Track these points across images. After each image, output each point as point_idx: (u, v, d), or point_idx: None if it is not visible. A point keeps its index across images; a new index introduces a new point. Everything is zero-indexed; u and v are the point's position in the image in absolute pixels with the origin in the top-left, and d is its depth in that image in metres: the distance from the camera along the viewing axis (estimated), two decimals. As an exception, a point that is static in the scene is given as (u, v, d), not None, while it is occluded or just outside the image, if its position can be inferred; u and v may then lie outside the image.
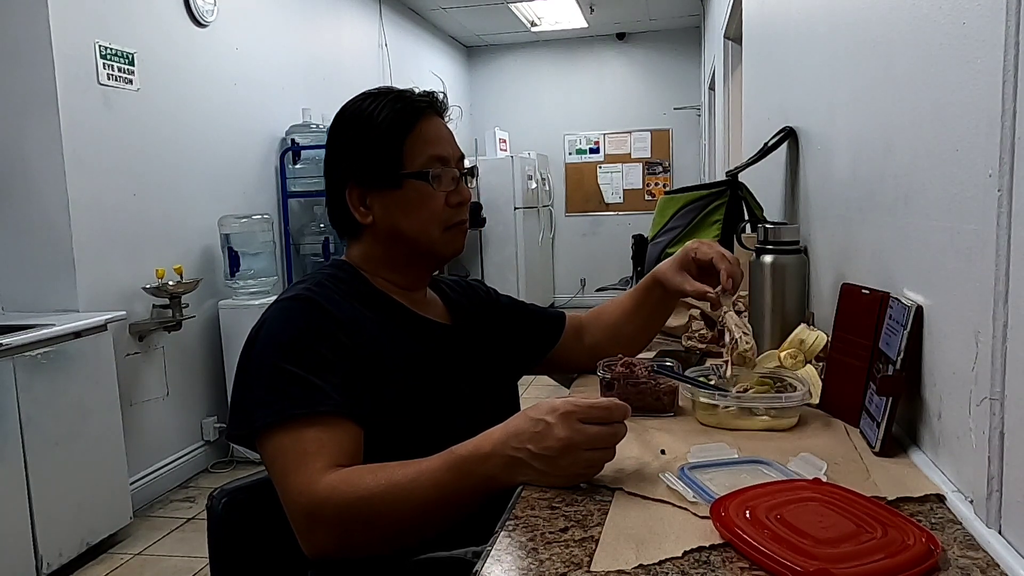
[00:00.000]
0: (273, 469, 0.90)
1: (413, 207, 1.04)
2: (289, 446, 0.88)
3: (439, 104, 1.08)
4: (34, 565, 2.33)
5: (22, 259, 2.83)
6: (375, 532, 0.84)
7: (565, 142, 7.85)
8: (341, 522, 0.83)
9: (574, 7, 6.50)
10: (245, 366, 0.96)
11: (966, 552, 0.63)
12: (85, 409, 2.58)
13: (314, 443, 0.87)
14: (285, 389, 0.90)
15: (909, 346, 0.83)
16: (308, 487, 0.84)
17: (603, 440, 0.80)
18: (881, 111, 1.01)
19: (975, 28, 0.69)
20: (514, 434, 0.80)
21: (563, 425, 0.78)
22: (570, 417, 0.78)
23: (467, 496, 0.83)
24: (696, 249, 1.16)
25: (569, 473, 0.80)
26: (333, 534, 0.84)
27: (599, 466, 0.81)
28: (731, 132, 4.38)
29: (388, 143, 1.03)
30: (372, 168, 1.04)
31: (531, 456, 0.79)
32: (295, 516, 0.86)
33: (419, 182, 1.04)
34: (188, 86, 3.48)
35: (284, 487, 0.87)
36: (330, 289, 1.01)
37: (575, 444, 0.78)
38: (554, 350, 1.27)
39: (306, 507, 0.84)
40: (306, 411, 0.89)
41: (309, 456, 0.86)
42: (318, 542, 0.85)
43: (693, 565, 0.63)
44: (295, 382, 0.90)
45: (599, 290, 7.05)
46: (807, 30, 1.60)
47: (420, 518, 0.84)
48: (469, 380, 1.08)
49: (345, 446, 0.90)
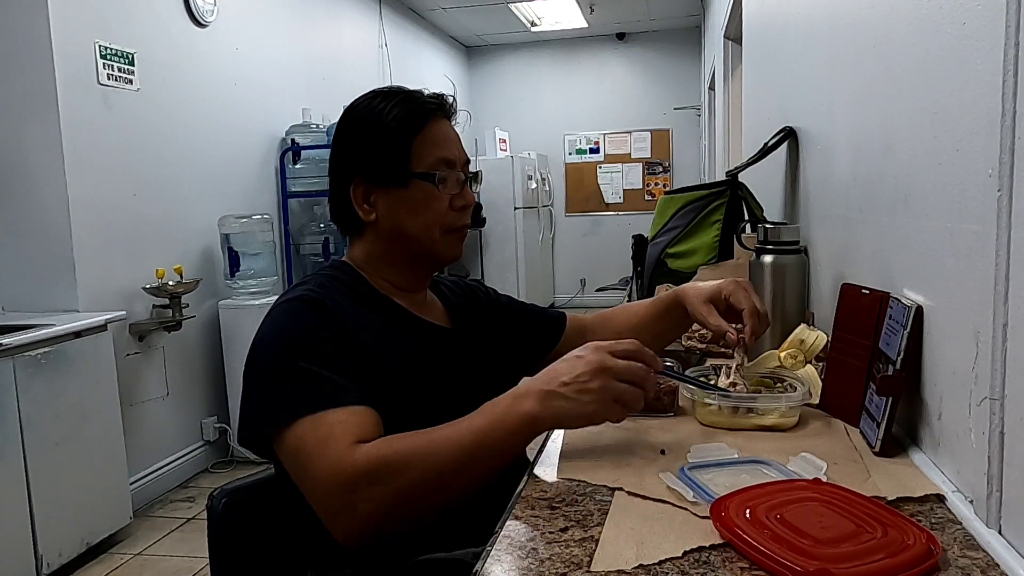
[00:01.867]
0: (296, 460, 0.87)
1: (417, 207, 1.04)
2: (311, 433, 0.86)
3: (448, 107, 1.08)
4: (34, 565, 2.33)
5: (22, 259, 2.83)
6: (418, 491, 0.82)
7: (565, 142, 7.86)
8: (384, 484, 0.81)
9: (574, 7, 6.50)
10: (255, 368, 0.94)
11: (966, 552, 0.63)
12: (85, 409, 2.58)
13: (338, 425, 0.86)
14: (302, 385, 0.89)
15: (909, 346, 0.83)
16: (341, 462, 0.83)
17: (633, 372, 0.83)
18: (881, 111, 1.01)
19: (975, 28, 0.69)
20: (547, 372, 0.85)
21: (594, 353, 0.84)
22: (600, 348, 0.84)
23: (505, 439, 0.83)
24: (732, 292, 1.12)
25: (602, 399, 0.82)
26: (376, 501, 0.82)
27: (631, 403, 0.83)
28: (731, 132, 4.38)
29: (397, 141, 1.03)
30: (379, 165, 1.04)
31: (563, 386, 0.82)
32: (331, 495, 0.83)
33: (425, 183, 1.03)
34: (188, 86, 3.48)
35: (314, 470, 0.84)
36: (331, 290, 1.01)
37: (606, 368, 0.82)
38: (554, 351, 1.27)
39: (344, 481, 0.82)
40: (328, 403, 0.87)
41: (335, 437, 0.85)
42: (359, 516, 0.82)
43: (693, 565, 0.63)
44: (311, 378, 0.89)
45: (599, 290, 7.05)
46: (807, 30, 1.60)
47: (461, 469, 0.83)
48: (469, 382, 1.08)
49: (368, 427, 0.88)
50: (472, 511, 0.92)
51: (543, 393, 0.83)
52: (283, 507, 1.03)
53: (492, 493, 0.88)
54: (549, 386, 0.83)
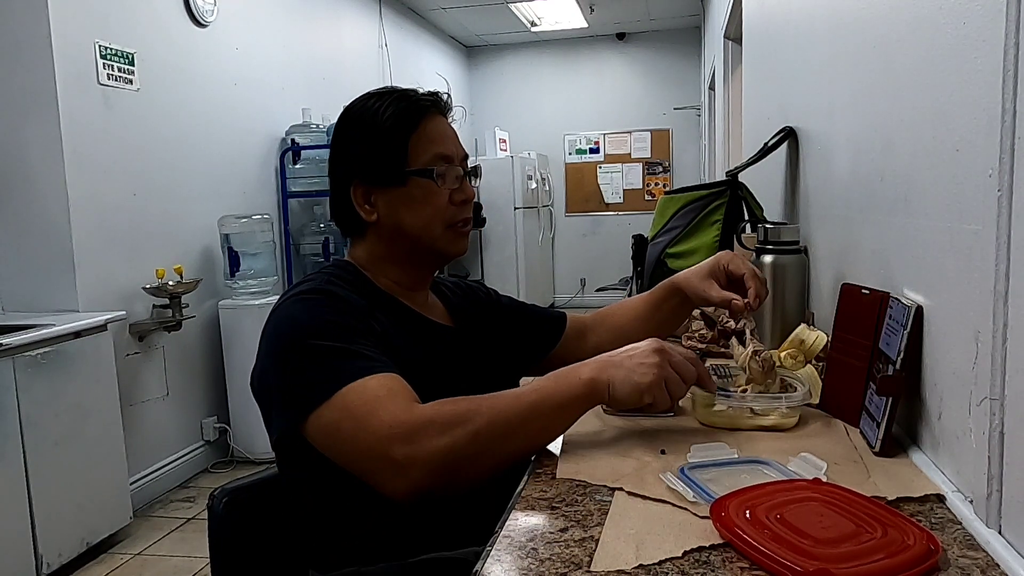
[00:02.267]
0: (341, 428, 0.85)
1: (417, 204, 1.05)
2: (358, 398, 0.85)
3: (443, 104, 1.09)
4: (34, 565, 2.33)
5: (22, 259, 2.83)
6: (482, 440, 0.83)
7: (565, 142, 7.86)
8: (448, 434, 0.82)
9: (574, 7, 6.50)
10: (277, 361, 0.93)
11: (966, 552, 0.63)
12: (85, 409, 2.58)
13: (386, 389, 0.86)
14: (335, 361, 0.89)
15: (909, 346, 0.83)
16: (404, 413, 0.83)
17: (683, 367, 0.90)
18: (881, 111, 1.01)
19: (975, 28, 0.69)
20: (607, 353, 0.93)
21: (653, 342, 0.92)
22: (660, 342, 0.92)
23: (565, 399, 0.88)
24: (730, 261, 1.16)
25: (657, 376, 0.88)
26: (439, 448, 0.82)
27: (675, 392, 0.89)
28: (731, 132, 4.38)
29: (393, 140, 1.03)
30: (377, 165, 1.04)
31: (622, 355, 0.90)
32: (390, 445, 0.82)
33: (423, 179, 1.04)
34: (188, 86, 3.48)
35: (368, 428, 0.83)
36: (339, 285, 1.01)
37: (663, 350, 0.90)
38: (555, 350, 1.27)
39: (407, 431, 0.82)
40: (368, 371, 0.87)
41: (387, 397, 0.85)
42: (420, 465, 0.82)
43: (693, 565, 0.63)
44: (342, 353, 0.89)
45: (599, 290, 7.06)
46: (807, 30, 1.60)
47: (522, 424, 0.86)
48: (470, 382, 1.08)
49: (411, 391, 0.88)
50: (472, 511, 0.92)
51: (603, 361, 0.90)
52: (284, 507, 1.03)
53: (492, 493, 0.88)
54: (610, 357, 0.91)
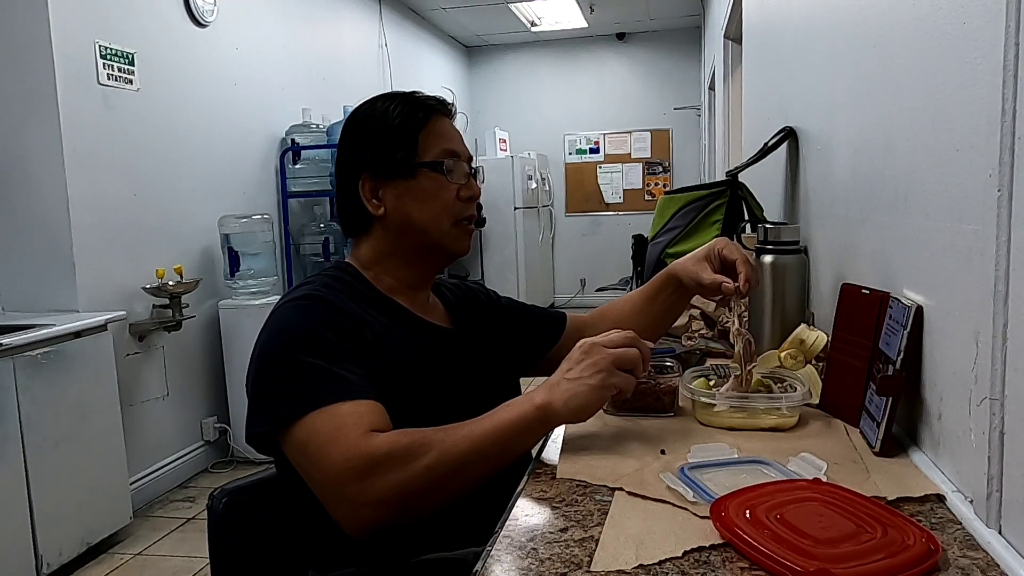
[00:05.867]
0: (306, 453, 0.87)
1: (426, 197, 1.06)
2: (324, 425, 0.87)
3: (448, 107, 1.12)
4: (34, 565, 2.33)
5: (22, 259, 2.83)
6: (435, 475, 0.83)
7: (565, 142, 7.85)
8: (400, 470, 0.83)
9: (574, 7, 6.50)
10: (264, 366, 0.94)
11: (966, 552, 0.63)
12: (85, 409, 2.58)
13: (351, 416, 0.87)
14: (313, 380, 0.90)
15: (909, 346, 0.83)
16: (357, 448, 0.84)
17: (617, 340, 0.91)
18: (881, 111, 1.01)
19: (975, 28, 0.69)
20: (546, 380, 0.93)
21: (580, 344, 0.93)
22: (584, 340, 0.93)
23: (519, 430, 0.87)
24: (724, 247, 1.18)
25: (603, 368, 0.88)
26: (390, 486, 0.83)
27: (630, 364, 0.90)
28: (731, 132, 4.38)
29: (404, 134, 1.05)
30: (387, 158, 1.05)
31: (562, 373, 0.91)
32: (344, 482, 0.84)
33: (433, 172, 1.06)
34: (188, 86, 3.48)
35: (327, 459, 0.85)
36: (335, 290, 1.01)
37: (594, 344, 0.91)
38: (555, 350, 1.27)
39: (360, 467, 0.83)
40: (340, 397, 0.88)
41: (349, 426, 0.86)
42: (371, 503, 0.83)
43: (693, 565, 0.63)
44: (322, 373, 0.90)
45: (599, 290, 7.06)
46: (807, 30, 1.60)
47: (477, 458, 0.86)
48: (470, 383, 1.09)
49: (379, 418, 0.89)
50: (472, 511, 0.92)
51: (548, 385, 0.90)
52: (283, 507, 1.03)
53: (492, 493, 0.88)
54: (552, 379, 0.91)
